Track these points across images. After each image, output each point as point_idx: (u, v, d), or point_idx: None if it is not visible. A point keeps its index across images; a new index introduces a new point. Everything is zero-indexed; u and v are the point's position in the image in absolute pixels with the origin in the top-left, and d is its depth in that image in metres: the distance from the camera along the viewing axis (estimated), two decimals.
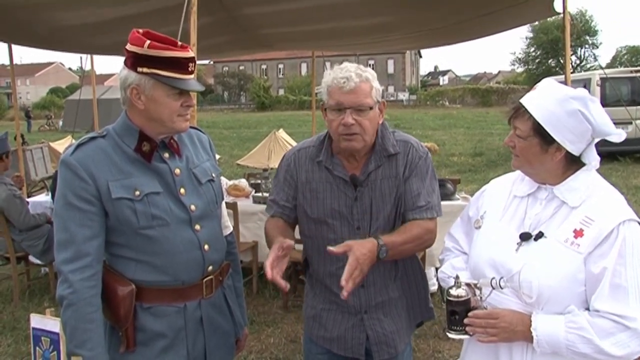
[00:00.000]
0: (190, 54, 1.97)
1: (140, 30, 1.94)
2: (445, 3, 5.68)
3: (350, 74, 2.13)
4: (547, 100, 1.81)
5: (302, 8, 6.05)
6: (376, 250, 2.04)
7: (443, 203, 2.44)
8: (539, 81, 1.95)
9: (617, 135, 1.85)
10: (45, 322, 2.43)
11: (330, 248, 2.00)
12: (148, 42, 1.88)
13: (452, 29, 6.65)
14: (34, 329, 2.43)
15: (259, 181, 6.28)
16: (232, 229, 2.45)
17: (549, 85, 1.86)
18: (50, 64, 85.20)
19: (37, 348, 2.42)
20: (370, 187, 2.26)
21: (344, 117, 2.14)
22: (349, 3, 5.76)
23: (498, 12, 5.78)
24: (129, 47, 1.93)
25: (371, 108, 2.16)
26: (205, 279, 2.11)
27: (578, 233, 1.77)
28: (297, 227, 2.44)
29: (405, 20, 6.36)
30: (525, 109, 1.83)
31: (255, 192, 6.18)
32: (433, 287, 5.43)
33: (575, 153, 1.83)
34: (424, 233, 2.23)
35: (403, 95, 60.03)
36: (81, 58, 11.28)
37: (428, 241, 2.27)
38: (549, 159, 1.84)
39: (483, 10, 5.82)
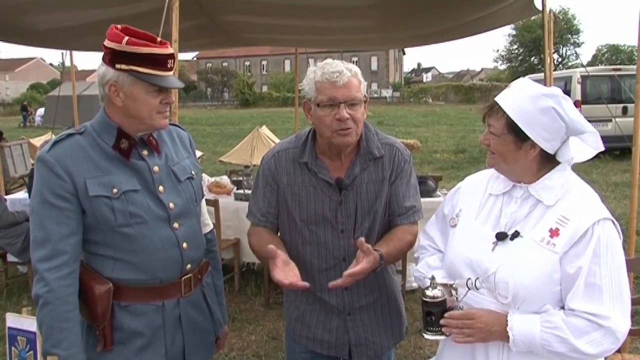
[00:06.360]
0: (170, 50, 1.95)
1: (119, 26, 1.92)
2: (429, 11, 5.67)
3: (341, 69, 2.12)
4: (520, 98, 1.81)
5: (284, 24, 6.08)
6: (377, 264, 2.07)
7: (424, 200, 2.46)
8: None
9: (592, 134, 1.85)
10: (22, 321, 2.39)
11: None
12: (126, 38, 1.87)
13: (436, 32, 6.66)
14: (9, 328, 2.39)
15: (241, 178, 6.26)
16: (212, 226, 2.43)
17: (522, 83, 1.87)
18: (30, 59, 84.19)
19: (13, 348, 2.38)
20: (356, 190, 2.25)
21: (337, 112, 2.10)
22: (330, 14, 5.75)
23: (482, 17, 5.80)
24: (107, 43, 1.91)
25: (364, 102, 2.17)
26: (183, 277, 2.10)
27: (554, 232, 1.78)
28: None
29: (386, 24, 6.35)
30: (499, 107, 1.84)
31: (237, 189, 6.16)
32: (414, 285, 5.46)
33: (550, 151, 1.84)
34: (413, 239, 2.30)
35: (386, 92, 60.19)
36: (62, 54, 11.12)
37: (414, 244, 2.32)
38: (523, 156, 1.84)
39: (466, 18, 5.83)
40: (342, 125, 2.12)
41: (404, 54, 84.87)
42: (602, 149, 1.88)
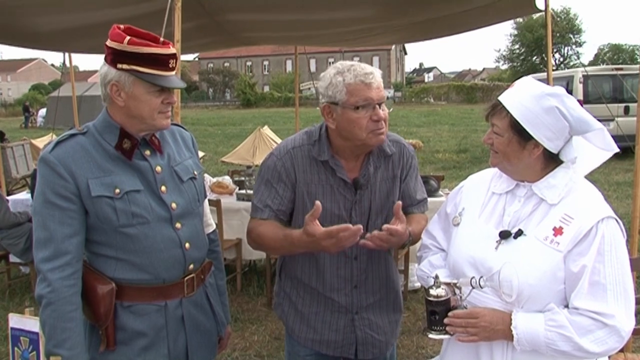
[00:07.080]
0: (171, 50, 1.95)
1: (122, 26, 1.92)
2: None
3: (371, 70, 2.14)
4: (524, 97, 1.81)
5: (285, 20, 6.09)
6: (407, 237, 2.14)
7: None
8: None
9: (598, 132, 1.84)
10: (25, 321, 2.40)
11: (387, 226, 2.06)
12: (128, 38, 1.87)
13: (435, 23, 6.67)
14: (12, 328, 2.40)
15: (243, 178, 6.26)
16: (214, 226, 2.42)
17: (526, 83, 1.87)
18: (32, 60, 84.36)
19: (16, 348, 2.39)
20: (370, 189, 2.26)
21: (374, 113, 2.11)
22: (330, 5, 5.76)
23: (481, 7, 5.81)
24: (109, 42, 1.91)
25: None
26: (186, 278, 2.09)
27: (557, 231, 1.78)
28: None
29: (386, 13, 6.37)
30: (503, 106, 1.84)
31: (239, 189, 6.16)
32: (417, 284, 5.46)
33: (554, 150, 1.83)
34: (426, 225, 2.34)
35: (388, 92, 60.03)
36: (64, 55, 11.16)
37: None
38: (526, 155, 1.84)
39: (464, 7, 5.84)
40: (379, 126, 2.13)
41: (405, 53, 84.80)
42: (615, 150, 1.86)
